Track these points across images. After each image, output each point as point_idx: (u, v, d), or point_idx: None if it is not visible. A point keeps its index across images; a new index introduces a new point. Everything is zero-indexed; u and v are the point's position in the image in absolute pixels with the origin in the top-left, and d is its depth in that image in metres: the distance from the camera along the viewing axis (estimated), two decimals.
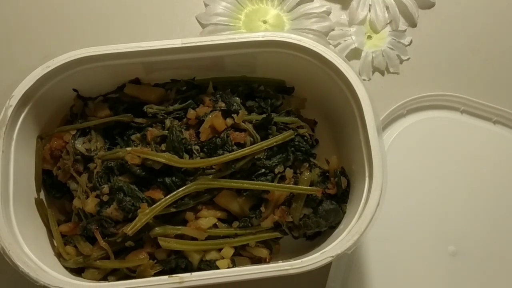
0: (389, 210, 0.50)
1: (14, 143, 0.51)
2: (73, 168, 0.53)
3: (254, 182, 0.53)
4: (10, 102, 0.50)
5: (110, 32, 0.69)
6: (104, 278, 0.52)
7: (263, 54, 0.55)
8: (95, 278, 0.51)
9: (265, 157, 0.54)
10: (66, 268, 0.52)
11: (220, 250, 0.52)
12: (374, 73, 0.68)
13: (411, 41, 0.70)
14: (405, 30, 0.70)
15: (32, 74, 0.51)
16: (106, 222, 0.51)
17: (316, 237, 0.56)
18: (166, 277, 0.46)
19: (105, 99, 0.58)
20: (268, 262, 0.53)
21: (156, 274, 0.51)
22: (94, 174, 0.53)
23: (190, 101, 0.56)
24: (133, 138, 0.55)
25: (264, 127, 0.55)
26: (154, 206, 0.50)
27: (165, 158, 0.51)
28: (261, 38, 0.53)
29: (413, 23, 0.71)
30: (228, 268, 0.51)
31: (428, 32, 0.70)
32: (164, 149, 0.53)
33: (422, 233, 0.58)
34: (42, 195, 0.55)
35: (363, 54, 0.68)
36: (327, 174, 0.55)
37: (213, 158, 0.52)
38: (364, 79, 0.67)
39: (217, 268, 0.51)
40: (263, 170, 0.54)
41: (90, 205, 0.52)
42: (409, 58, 0.69)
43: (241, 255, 0.54)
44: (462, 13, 0.72)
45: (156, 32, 0.69)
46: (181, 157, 0.52)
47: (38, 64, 0.52)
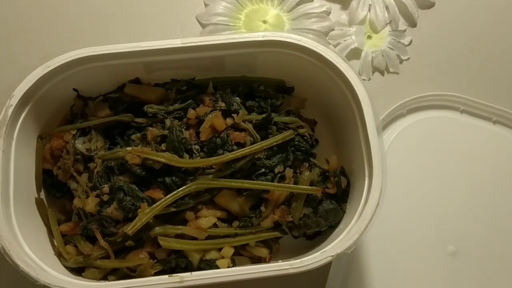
0: (388, 210, 0.50)
1: (14, 143, 0.51)
2: (73, 167, 0.53)
3: (254, 181, 0.53)
4: (11, 102, 0.50)
5: (110, 32, 0.69)
6: (104, 278, 0.52)
7: (263, 54, 0.55)
8: (95, 278, 0.51)
9: (265, 156, 0.54)
10: (66, 267, 0.52)
11: (220, 249, 0.52)
12: (374, 73, 0.68)
13: (411, 41, 0.70)
14: (405, 30, 0.70)
15: (32, 74, 0.51)
16: (106, 222, 0.51)
17: (316, 236, 0.56)
18: (166, 276, 0.46)
19: (105, 99, 0.58)
20: (268, 262, 0.53)
21: (156, 274, 0.51)
22: (94, 174, 0.53)
23: (190, 101, 0.56)
24: (133, 137, 0.55)
25: (264, 127, 0.55)
26: (154, 205, 0.50)
27: (165, 157, 0.51)
28: (261, 38, 0.53)
29: (413, 23, 0.71)
30: (228, 267, 0.51)
31: (428, 32, 0.70)
32: (164, 148, 0.53)
33: (421, 233, 0.58)
34: (43, 195, 0.56)
35: (363, 54, 0.68)
36: (327, 174, 0.55)
37: (213, 158, 0.52)
38: (364, 79, 0.67)
39: (217, 267, 0.51)
40: (263, 170, 0.54)
41: (90, 204, 0.52)
42: (409, 58, 0.69)
43: (241, 255, 0.54)
44: (462, 13, 0.72)
45: (156, 32, 0.69)
46: (181, 156, 0.52)
47: (38, 64, 0.52)
